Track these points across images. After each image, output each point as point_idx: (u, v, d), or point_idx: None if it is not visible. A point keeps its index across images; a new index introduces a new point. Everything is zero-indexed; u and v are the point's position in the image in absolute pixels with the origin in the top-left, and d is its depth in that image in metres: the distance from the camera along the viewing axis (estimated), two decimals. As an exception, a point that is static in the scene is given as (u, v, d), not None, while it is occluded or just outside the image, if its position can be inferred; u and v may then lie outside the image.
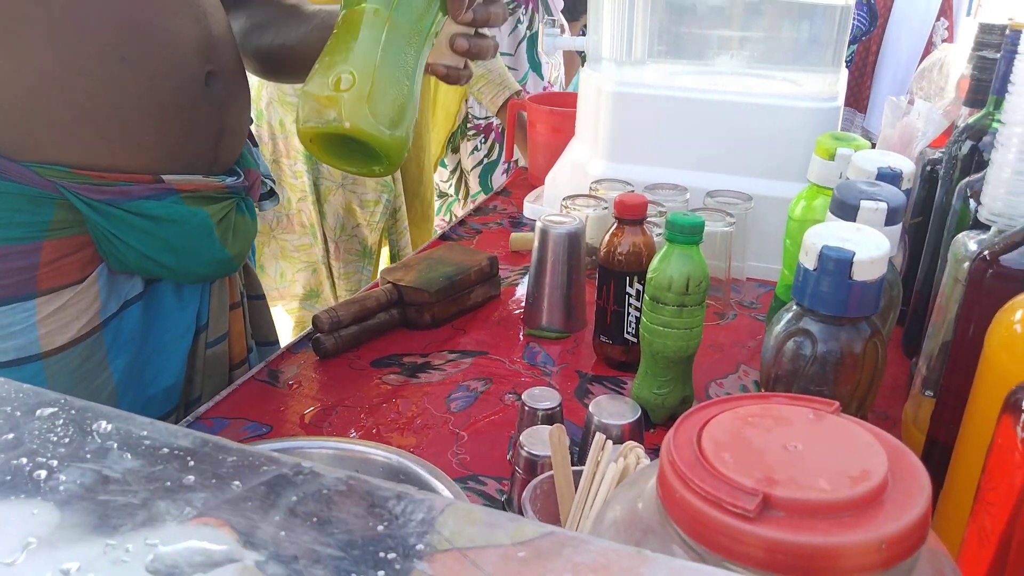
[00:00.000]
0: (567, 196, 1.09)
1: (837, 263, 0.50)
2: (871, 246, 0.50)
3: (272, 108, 1.54)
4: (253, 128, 1.50)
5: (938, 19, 2.84)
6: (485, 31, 0.76)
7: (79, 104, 0.70)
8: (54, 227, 0.72)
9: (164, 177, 0.76)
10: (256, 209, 0.92)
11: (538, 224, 0.98)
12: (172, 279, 0.82)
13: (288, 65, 0.90)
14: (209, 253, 0.82)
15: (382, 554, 0.28)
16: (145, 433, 0.35)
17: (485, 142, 1.94)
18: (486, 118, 1.91)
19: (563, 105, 1.52)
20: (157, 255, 0.77)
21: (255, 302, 0.99)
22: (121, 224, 0.74)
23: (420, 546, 0.28)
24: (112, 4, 0.70)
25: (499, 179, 1.95)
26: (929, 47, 2.84)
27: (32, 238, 0.71)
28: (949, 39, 2.88)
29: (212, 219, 0.80)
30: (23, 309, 0.72)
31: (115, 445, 0.34)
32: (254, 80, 1.49)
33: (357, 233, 1.63)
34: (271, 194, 0.97)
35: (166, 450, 0.34)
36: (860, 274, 0.50)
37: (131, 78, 0.72)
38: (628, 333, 0.88)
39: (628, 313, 0.87)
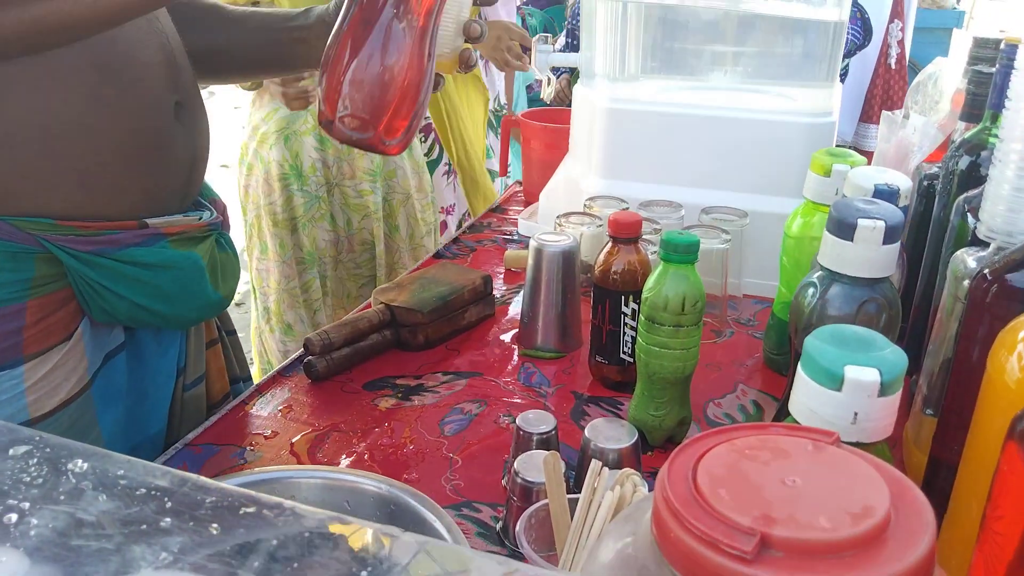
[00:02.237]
0: (561, 214, 1.08)
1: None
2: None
3: None
4: (315, 151, 1.49)
5: (891, 21, 2.86)
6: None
7: (57, 151, 0.67)
8: (36, 283, 0.69)
9: (148, 221, 0.73)
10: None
11: (532, 242, 0.97)
12: (163, 327, 0.79)
13: (208, 67, 0.86)
14: (202, 296, 0.79)
15: (365, 602, 0.27)
16: (122, 472, 0.34)
17: (425, 140, 1.92)
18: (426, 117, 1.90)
19: (557, 121, 1.51)
20: (150, 303, 0.74)
21: (230, 337, 0.96)
22: (111, 275, 0.71)
23: (404, 593, 0.27)
24: (84, 42, 0.66)
25: (439, 180, 1.92)
26: (885, 49, 2.87)
27: (16, 299, 0.68)
28: (903, 40, 2.91)
29: (203, 260, 0.78)
30: (10, 377, 0.68)
31: (90, 486, 0.33)
32: (313, 105, 1.48)
33: (425, 243, 1.66)
34: None
35: (143, 490, 0.33)
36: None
37: (107, 118, 0.69)
38: (624, 353, 0.87)
39: (624, 333, 0.86)
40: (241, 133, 1.58)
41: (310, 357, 0.91)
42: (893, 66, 2.90)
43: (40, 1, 0.59)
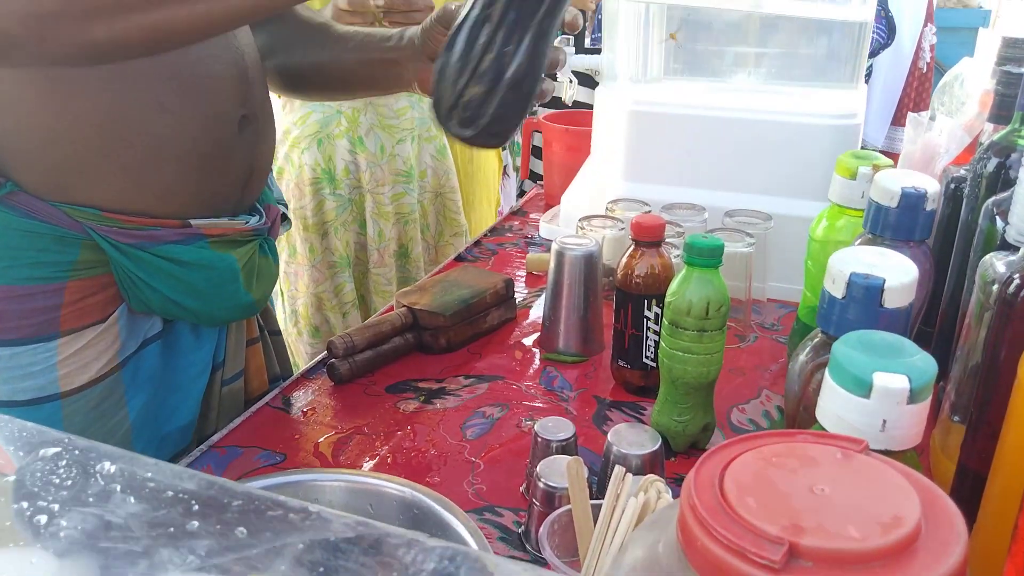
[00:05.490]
0: (583, 217, 1.08)
1: (867, 290, 0.48)
2: (900, 272, 0.49)
3: (373, 134, 1.51)
4: (348, 155, 1.50)
5: (925, 25, 2.83)
6: None
7: (114, 151, 0.70)
8: (78, 267, 0.72)
9: (192, 222, 0.76)
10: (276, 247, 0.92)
11: (554, 246, 0.97)
12: (193, 321, 0.82)
13: (316, 83, 0.90)
14: (233, 298, 0.81)
15: (390, 607, 0.27)
16: (150, 475, 0.34)
17: None
18: None
19: (579, 124, 1.51)
20: (181, 298, 0.77)
21: (273, 338, 0.98)
22: (147, 267, 0.74)
23: (430, 599, 0.27)
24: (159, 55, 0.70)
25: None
26: (918, 53, 2.83)
27: (57, 278, 0.71)
28: (934, 45, 2.88)
29: (238, 263, 0.80)
30: (44, 349, 0.71)
31: (118, 488, 0.33)
32: (346, 107, 1.48)
33: (455, 242, 1.66)
34: (283, 218, 0.97)
35: (170, 493, 0.33)
36: (891, 301, 0.48)
37: (169, 126, 0.72)
38: (647, 357, 0.87)
39: (647, 337, 0.86)
40: None
41: (333, 360, 0.91)
42: (924, 70, 2.87)
43: (160, 8, 0.57)
